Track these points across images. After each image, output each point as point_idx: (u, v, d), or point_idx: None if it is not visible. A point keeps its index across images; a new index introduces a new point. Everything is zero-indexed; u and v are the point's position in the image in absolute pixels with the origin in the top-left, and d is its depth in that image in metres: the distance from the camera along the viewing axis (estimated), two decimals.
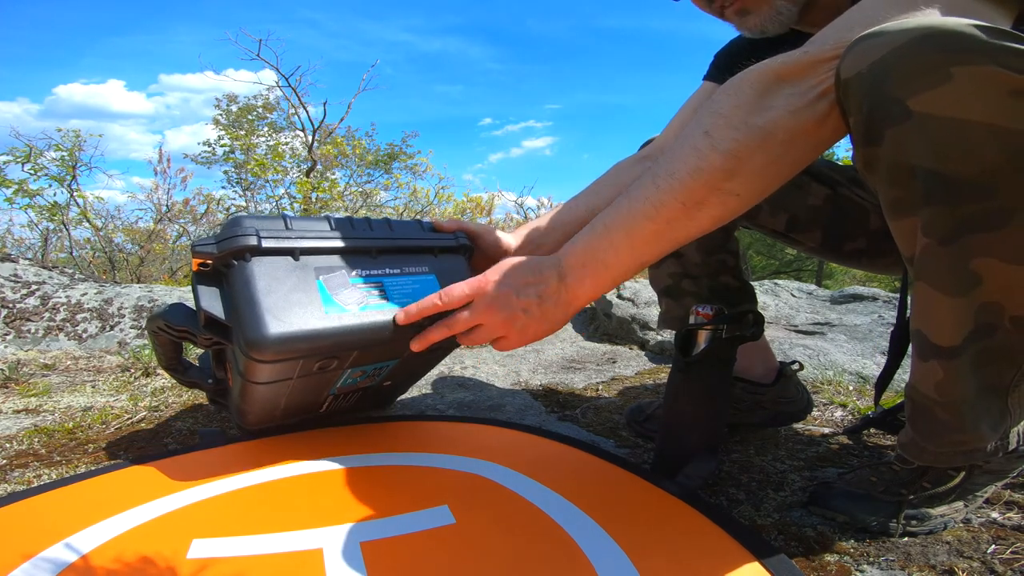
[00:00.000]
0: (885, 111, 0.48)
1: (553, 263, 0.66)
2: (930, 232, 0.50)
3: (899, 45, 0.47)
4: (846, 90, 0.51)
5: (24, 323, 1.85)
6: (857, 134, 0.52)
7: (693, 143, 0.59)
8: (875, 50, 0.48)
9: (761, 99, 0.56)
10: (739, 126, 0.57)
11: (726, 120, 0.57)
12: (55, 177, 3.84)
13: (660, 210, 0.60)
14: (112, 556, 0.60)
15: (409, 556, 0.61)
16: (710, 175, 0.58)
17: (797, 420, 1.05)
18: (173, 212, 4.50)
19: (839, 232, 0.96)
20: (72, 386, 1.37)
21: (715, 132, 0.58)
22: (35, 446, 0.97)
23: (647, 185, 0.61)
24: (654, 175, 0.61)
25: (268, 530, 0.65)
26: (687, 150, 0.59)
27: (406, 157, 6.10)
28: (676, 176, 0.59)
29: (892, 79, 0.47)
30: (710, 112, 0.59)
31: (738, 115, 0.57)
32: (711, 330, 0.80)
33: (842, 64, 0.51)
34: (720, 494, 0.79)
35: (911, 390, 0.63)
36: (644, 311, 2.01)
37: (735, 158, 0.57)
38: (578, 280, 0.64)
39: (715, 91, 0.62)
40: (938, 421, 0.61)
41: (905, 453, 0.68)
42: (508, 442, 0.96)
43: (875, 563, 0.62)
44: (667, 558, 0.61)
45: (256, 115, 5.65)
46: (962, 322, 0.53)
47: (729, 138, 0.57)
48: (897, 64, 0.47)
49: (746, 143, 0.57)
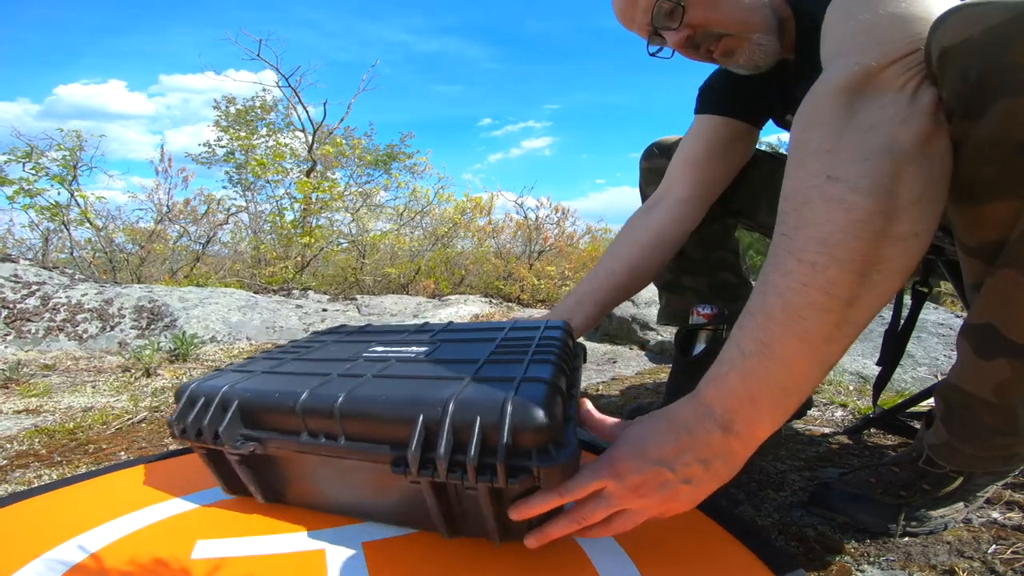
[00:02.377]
0: (1000, 79, 0.43)
1: (704, 414, 0.51)
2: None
3: (1021, 12, 0.42)
4: (944, 59, 0.45)
5: (24, 323, 1.85)
6: (951, 107, 0.46)
7: (823, 194, 0.46)
8: (988, 17, 0.43)
9: (851, 119, 0.47)
10: (857, 156, 0.46)
11: (840, 156, 0.47)
12: (56, 177, 3.84)
13: (831, 291, 0.45)
14: (117, 557, 0.60)
15: (410, 556, 0.61)
16: (868, 225, 0.45)
17: (796, 418, 1.05)
18: (174, 212, 4.50)
19: None
20: (72, 386, 1.37)
21: (838, 172, 0.46)
22: (35, 446, 0.97)
23: (795, 270, 0.47)
24: (794, 252, 0.47)
25: (271, 531, 0.65)
26: (821, 206, 0.46)
27: (405, 157, 6.10)
28: (831, 243, 0.45)
29: (1017, 45, 0.42)
30: (811, 154, 0.48)
31: (846, 145, 0.47)
32: (711, 330, 0.80)
33: (939, 32, 0.45)
34: (720, 494, 0.79)
35: (949, 389, 0.59)
36: (644, 311, 2.01)
37: (881, 194, 0.45)
38: (751, 421, 0.50)
39: (724, 125, 0.54)
40: (982, 423, 0.58)
41: (936, 456, 0.65)
42: None
43: (875, 563, 0.62)
44: (669, 558, 0.61)
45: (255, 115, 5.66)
46: None
47: (859, 174, 0.46)
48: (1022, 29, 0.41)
49: (882, 173, 0.45)
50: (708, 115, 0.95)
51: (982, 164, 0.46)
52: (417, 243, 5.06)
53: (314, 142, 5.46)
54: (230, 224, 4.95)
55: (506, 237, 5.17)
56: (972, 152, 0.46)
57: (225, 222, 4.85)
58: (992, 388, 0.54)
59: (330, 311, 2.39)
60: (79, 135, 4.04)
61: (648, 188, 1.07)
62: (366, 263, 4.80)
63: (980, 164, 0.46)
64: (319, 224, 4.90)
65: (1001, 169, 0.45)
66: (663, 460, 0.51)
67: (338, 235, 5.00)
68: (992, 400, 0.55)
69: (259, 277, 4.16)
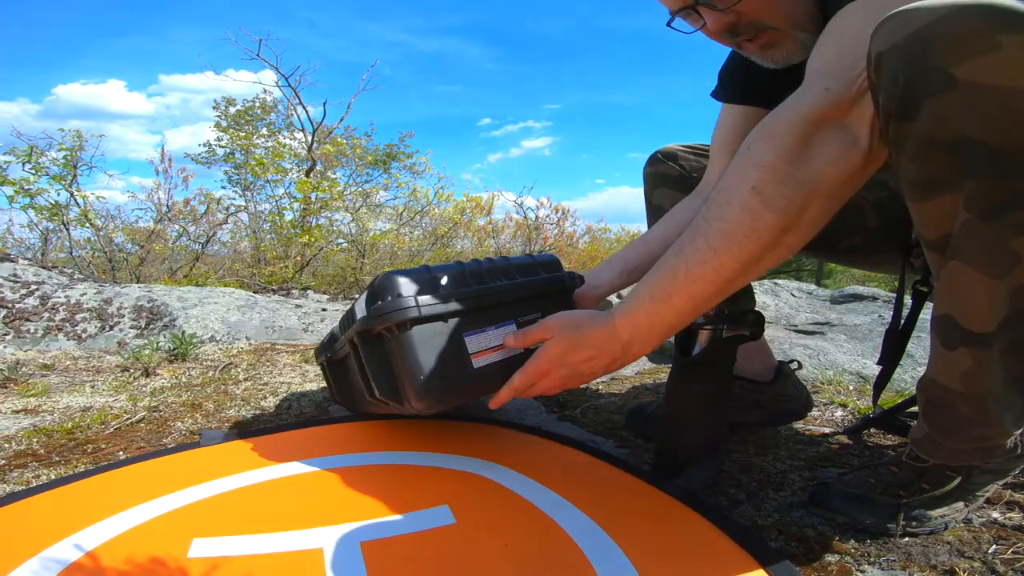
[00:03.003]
0: (925, 81, 0.46)
1: (611, 335, 0.69)
2: (972, 206, 0.48)
3: (941, 16, 0.45)
4: (879, 64, 0.49)
5: (23, 323, 1.85)
6: (888, 109, 0.50)
7: (742, 201, 0.58)
8: (913, 22, 0.46)
9: (800, 149, 0.56)
10: (786, 181, 0.56)
11: (772, 175, 0.57)
12: (56, 177, 3.84)
13: (721, 272, 0.60)
14: (114, 555, 0.60)
15: (409, 556, 0.60)
16: (767, 235, 0.58)
17: (797, 419, 1.05)
18: (173, 212, 4.49)
19: (835, 230, 0.96)
20: (71, 386, 1.36)
21: (763, 189, 0.57)
22: (34, 446, 0.97)
23: (703, 249, 0.61)
24: (707, 236, 0.61)
25: (268, 530, 0.65)
26: (737, 210, 0.59)
27: (405, 157, 6.11)
28: (733, 239, 0.59)
29: (935, 48, 0.45)
30: (752, 163, 0.59)
31: (782, 168, 0.56)
32: (711, 330, 0.80)
33: (874, 39, 0.49)
34: (720, 494, 0.79)
35: (927, 384, 0.61)
36: None
37: (787, 215, 0.57)
38: (644, 344, 0.69)
39: (746, 114, 0.59)
40: (958, 415, 0.59)
41: (919, 450, 0.66)
42: (508, 442, 0.96)
43: (876, 563, 0.62)
44: (667, 559, 0.61)
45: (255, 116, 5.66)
46: (997, 306, 0.51)
47: (779, 195, 0.57)
48: (940, 33, 0.45)
49: (796, 200, 0.56)
50: (733, 105, 0.97)
51: (922, 161, 0.50)
52: (417, 243, 5.06)
53: (314, 142, 5.46)
54: (229, 224, 4.95)
55: (506, 237, 5.17)
56: (913, 150, 0.50)
57: (224, 222, 4.85)
58: (959, 378, 0.56)
59: (329, 311, 2.38)
60: (79, 134, 4.03)
61: (653, 194, 1.07)
62: (366, 263, 4.80)
63: (921, 161, 0.50)
64: (319, 224, 4.90)
65: (938, 165, 0.49)
66: (576, 365, 0.72)
67: (338, 235, 5.00)
68: (962, 390, 0.57)
69: (258, 277, 4.16)
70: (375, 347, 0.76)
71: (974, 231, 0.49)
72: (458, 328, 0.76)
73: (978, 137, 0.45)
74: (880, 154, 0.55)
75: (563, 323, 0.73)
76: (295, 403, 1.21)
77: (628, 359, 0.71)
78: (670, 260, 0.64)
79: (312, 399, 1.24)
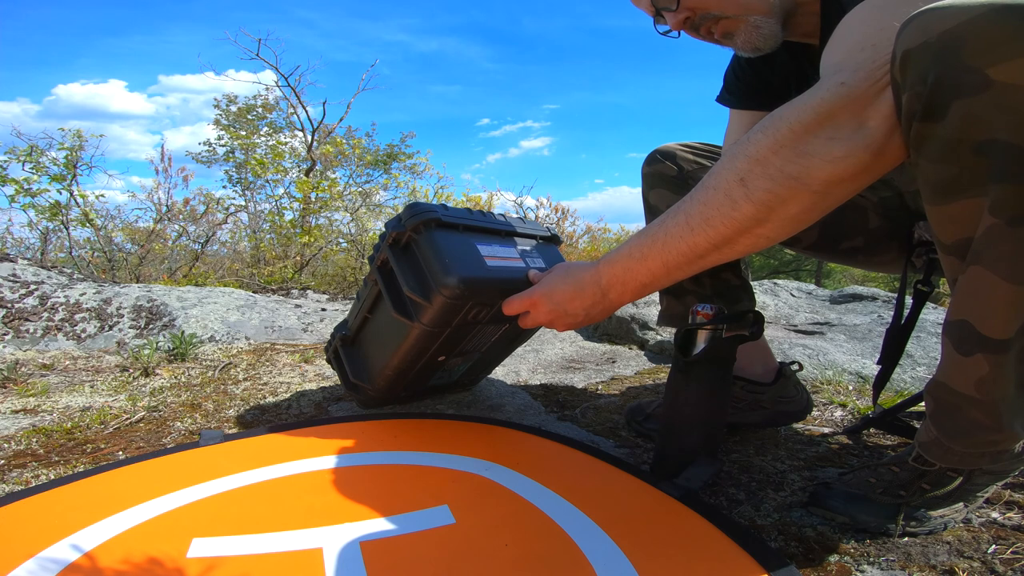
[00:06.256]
0: (955, 81, 0.45)
1: (595, 282, 0.77)
2: (999, 211, 0.46)
3: (976, 15, 0.43)
4: (905, 62, 0.48)
5: (23, 323, 1.85)
6: (912, 109, 0.49)
7: (727, 190, 0.60)
8: (945, 20, 0.45)
9: (798, 144, 0.56)
10: (774, 175, 0.57)
11: (762, 168, 0.58)
12: (56, 177, 3.83)
13: (694, 248, 0.65)
14: (113, 555, 0.60)
15: (409, 556, 0.60)
16: (742, 223, 0.60)
17: (797, 420, 1.05)
18: (173, 212, 4.49)
19: (836, 231, 0.96)
20: (70, 386, 1.36)
21: (750, 180, 0.58)
22: (33, 446, 0.97)
23: (682, 225, 0.66)
24: (688, 215, 0.65)
25: (268, 529, 0.65)
26: (721, 197, 0.61)
27: (405, 157, 6.11)
28: (711, 223, 0.63)
29: (969, 48, 0.44)
30: (745, 155, 0.59)
31: (774, 162, 0.57)
32: (711, 330, 0.80)
33: (901, 37, 0.48)
34: (720, 494, 0.79)
35: (937, 387, 0.60)
36: (644, 311, 2.01)
37: (767, 208, 0.58)
38: (620, 294, 0.76)
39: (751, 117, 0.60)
40: (969, 420, 0.58)
41: (926, 454, 0.66)
42: (508, 442, 0.95)
43: (875, 563, 0.62)
44: (666, 559, 0.61)
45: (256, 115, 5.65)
46: (1018, 313, 0.50)
47: (763, 188, 0.58)
48: (976, 33, 0.43)
49: (780, 194, 0.57)
50: (739, 111, 0.98)
51: (946, 163, 0.49)
52: None
53: (314, 141, 5.46)
54: (229, 223, 4.95)
55: None
56: (936, 152, 0.49)
57: (224, 222, 4.84)
58: (974, 384, 0.55)
59: (329, 311, 2.38)
60: (79, 134, 4.03)
61: (650, 194, 1.07)
62: (365, 263, 4.80)
63: (944, 163, 0.49)
64: (318, 224, 4.90)
65: (963, 168, 0.48)
66: (562, 303, 0.81)
67: (337, 235, 5.00)
68: (975, 396, 0.56)
69: (258, 276, 4.15)
70: (405, 254, 0.91)
71: (1000, 236, 0.47)
72: (470, 238, 0.94)
73: (1009, 140, 0.44)
74: (892, 154, 0.54)
75: (558, 266, 0.85)
76: (295, 403, 1.21)
77: (607, 306, 0.78)
78: (654, 226, 0.70)
79: (312, 399, 1.24)
